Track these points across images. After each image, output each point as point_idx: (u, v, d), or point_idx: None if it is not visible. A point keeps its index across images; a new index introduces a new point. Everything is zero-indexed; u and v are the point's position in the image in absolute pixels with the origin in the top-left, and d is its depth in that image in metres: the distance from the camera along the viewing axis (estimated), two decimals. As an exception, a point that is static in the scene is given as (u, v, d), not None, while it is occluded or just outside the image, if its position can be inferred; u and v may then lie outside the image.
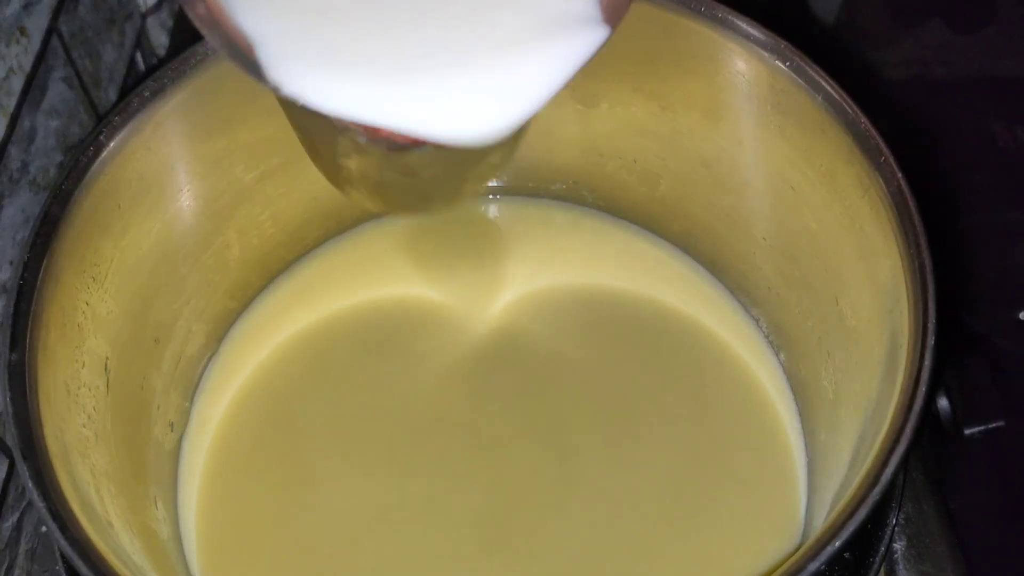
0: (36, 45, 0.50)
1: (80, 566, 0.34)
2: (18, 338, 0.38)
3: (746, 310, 0.55)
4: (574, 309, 0.56)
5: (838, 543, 0.33)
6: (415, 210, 0.51)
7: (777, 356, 0.53)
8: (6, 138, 0.47)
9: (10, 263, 0.47)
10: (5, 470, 0.48)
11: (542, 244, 0.58)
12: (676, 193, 0.54)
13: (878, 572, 0.40)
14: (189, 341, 0.52)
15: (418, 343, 0.54)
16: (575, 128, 0.54)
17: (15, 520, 0.49)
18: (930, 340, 0.36)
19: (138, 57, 0.64)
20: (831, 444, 0.46)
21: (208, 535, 0.49)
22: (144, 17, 0.65)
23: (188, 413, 0.52)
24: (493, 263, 0.57)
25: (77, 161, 0.42)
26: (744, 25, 0.44)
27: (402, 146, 0.31)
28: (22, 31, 0.48)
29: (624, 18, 0.32)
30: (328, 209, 0.57)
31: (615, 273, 0.57)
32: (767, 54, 0.44)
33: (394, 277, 0.57)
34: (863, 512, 0.33)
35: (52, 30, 0.52)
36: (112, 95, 0.59)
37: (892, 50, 0.56)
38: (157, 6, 0.66)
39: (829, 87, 0.42)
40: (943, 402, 0.48)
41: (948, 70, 0.52)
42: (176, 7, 0.68)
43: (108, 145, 0.43)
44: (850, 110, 0.42)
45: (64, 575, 0.40)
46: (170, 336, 0.50)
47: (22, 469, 0.36)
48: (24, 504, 0.50)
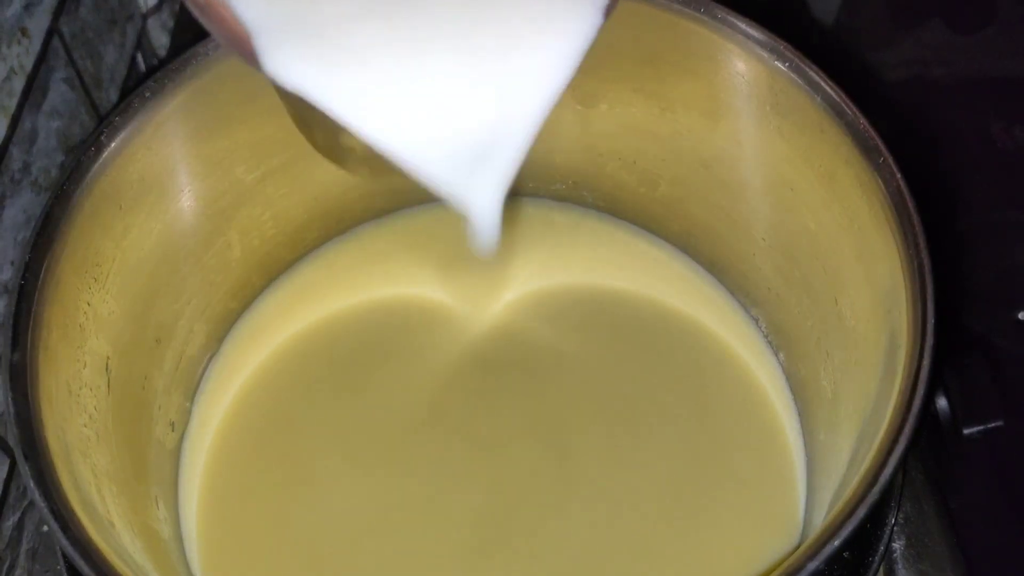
0: (37, 46, 0.50)
1: (81, 566, 0.34)
2: (20, 338, 0.38)
3: (746, 310, 0.55)
4: (574, 309, 0.56)
5: (837, 542, 0.33)
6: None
7: (776, 356, 0.53)
8: (7, 139, 0.47)
9: (11, 263, 0.47)
10: (6, 470, 0.48)
11: (542, 244, 0.58)
12: (676, 193, 0.54)
13: (877, 571, 0.40)
14: (190, 341, 0.52)
15: (418, 343, 0.54)
16: (575, 128, 0.54)
17: (16, 520, 0.49)
18: (929, 340, 0.36)
19: (139, 58, 0.64)
20: (830, 444, 0.46)
21: (209, 534, 0.49)
22: (145, 18, 0.65)
23: (189, 413, 0.52)
24: (493, 263, 0.57)
25: (78, 162, 0.42)
26: (743, 26, 0.44)
27: None
28: (23, 32, 0.48)
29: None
30: (329, 209, 0.57)
31: (615, 273, 0.57)
32: (766, 55, 0.44)
33: (394, 277, 0.57)
34: (862, 511, 0.33)
35: (53, 31, 0.52)
36: (113, 96, 0.59)
37: (891, 50, 0.56)
38: (158, 7, 0.66)
39: (828, 87, 0.43)
40: (942, 402, 0.48)
41: (948, 70, 0.52)
42: (177, 8, 0.68)
43: (109, 146, 0.43)
44: (849, 111, 0.42)
45: (65, 575, 0.40)
46: (171, 336, 0.50)
47: (24, 469, 0.36)
48: (25, 504, 0.50)
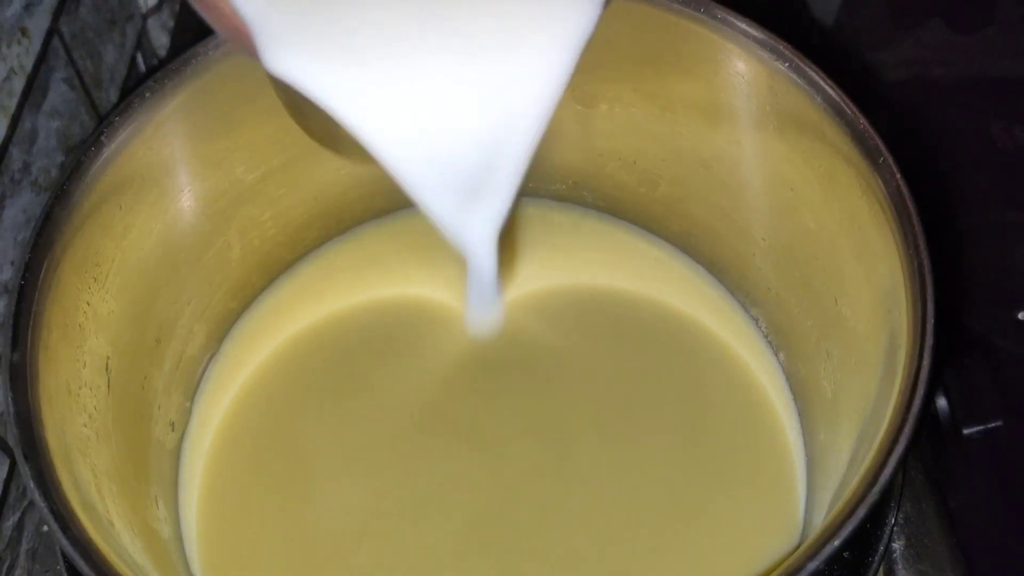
0: (37, 46, 0.50)
1: (81, 566, 0.34)
2: (20, 338, 0.38)
3: (745, 310, 0.55)
4: (574, 309, 0.56)
5: (837, 542, 0.33)
6: None
7: (776, 356, 0.53)
8: (7, 139, 0.47)
9: (12, 263, 0.47)
10: (6, 470, 0.48)
11: (542, 244, 0.58)
12: (675, 193, 0.54)
13: (877, 571, 0.40)
14: (190, 341, 0.52)
15: (418, 343, 0.54)
16: (575, 128, 0.54)
17: (16, 520, 0.49)
18: (929, 340, 0.36)
19: (139, 58, 0.64)
20: (830, 444, 0.46)
21: (209, 534, 0.49)
22: (145, 18, 0.65)
23: (189, 413, 0.52)
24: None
25: (78, 162, 0.42)
26: (743, 25, 0.44)
27: None
28: (23, 32, 0.48)
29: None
30: (329, 209, 0.57)
31: (615, 273, 0.57)
32: (766, 55, 0.44)
33: (394, 277, 0.57)
34: (862, 511, 0.33)
35: (53, 31, 0.52)
36: (113, 96, 0.59)
37: (891, 50, 0.56)
38: (158, 7, 0.66)
39: (828, 87, 0.42)
40: (942, 402, 0.48)
41: (947, 70, 0.52)
42: (177, 8, 0.68)
43: (109, 146, 0.43)
44: (849, 111, 0.42)
45: (65, 575, 0.40)
46: (171, 336, 0.50)
47: (24, 469, 0.36)
48: (25, 504, 0.50)
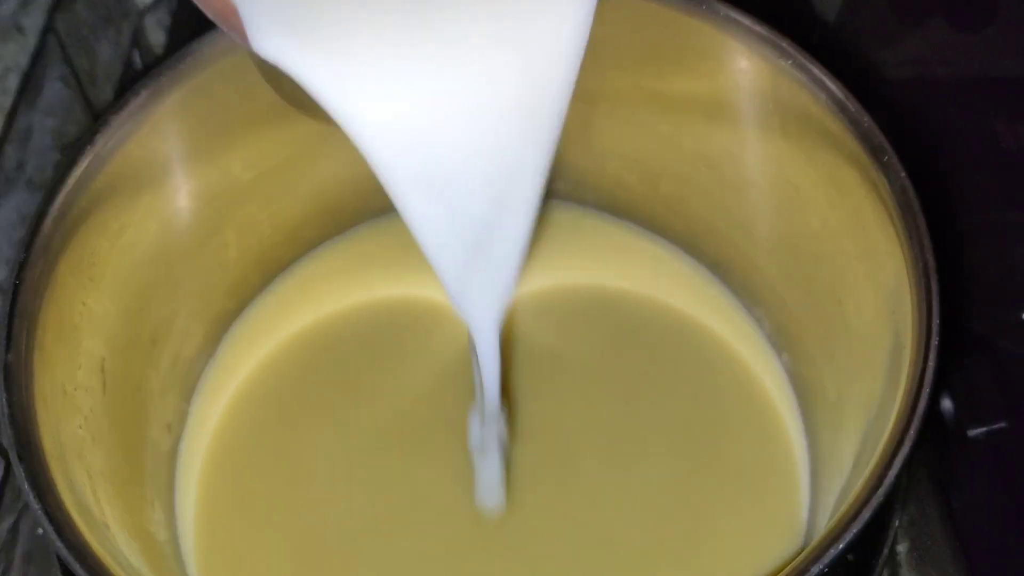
0: (32, 43, 0.50)
1: (77, 569, 0.33)
2: (14, 338, 0.38)
3: (748, 311, 0.55)
4: (574, 309, 0.55)
5: (841, 545, 0.32)
6: None
7: (779, 357, 0.53)
8: (2, 137, 0.47)
9: (6, 263, 0.47)
10: (1, 472, 0.48)
11: (542, 244, 0.58)
12: (677, 192, 0.54)
13: (881, 574, 0.40)
14: (186, 342, 0.51)
15: (418, 343, 0.54)
16: (575, 127, 0.53)
17: (11, 523, 0.49)
18: (934, 341, 0.36)
19: (135, 55, 0.64)
20: (834, 446, 0.46)
21: (206, 537, 0.49)
22: (141, 15, 0.65)
23: (186, 414, 0.52)
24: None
25: (73, 160, 0.42)
26: (746, 23, 0.44)
27: None
28: (19, 29, 0.48)
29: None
30: (327, 208, 0.56)
31: (615, 273, 0.57)
32: (769, 52, 0.44)
33: (394, 277, 0.56)
34: (866, 514, 0.33)
35: (49, 28, 0.51)
36: (109, 94, 0.59)
37: (893, 49, 0.56)
38: (154, 4, 0.65)
39: (832, 85, 0.42)
40: (946, 403, 0.48)
41: (950, 69, 0.52)
42: (173, 5, 0.67)
43: (105, 144, 0.42)
44: (853, 108, 0.42)
45: (60, 578, 0.40)
46: (167, 337, 0.50)
47: (18, 471, 0.35)
48: (20, 507, 0.49)
